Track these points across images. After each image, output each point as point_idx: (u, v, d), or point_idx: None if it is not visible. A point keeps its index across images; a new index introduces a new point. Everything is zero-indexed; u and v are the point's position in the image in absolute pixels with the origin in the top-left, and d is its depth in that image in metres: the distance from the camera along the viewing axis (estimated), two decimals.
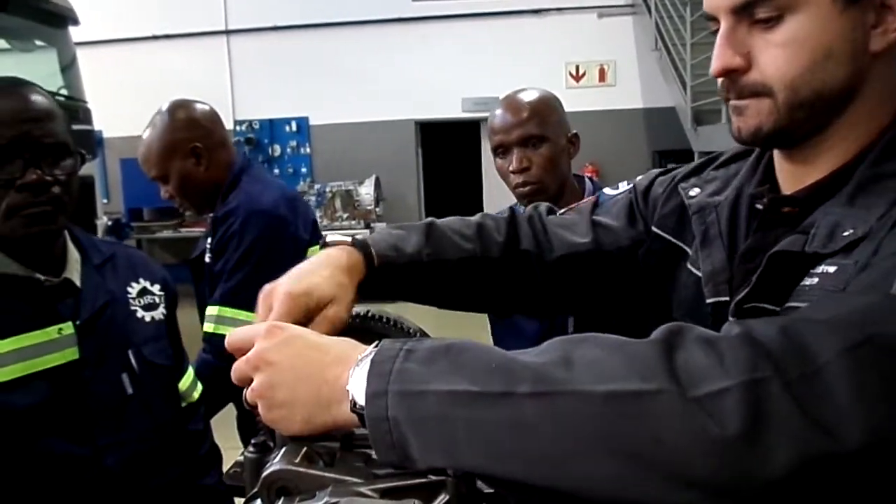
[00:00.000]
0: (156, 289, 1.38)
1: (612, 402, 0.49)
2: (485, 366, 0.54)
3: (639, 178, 1.01)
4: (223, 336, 1.61)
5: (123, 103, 8.18)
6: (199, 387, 1.50)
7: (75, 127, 5.60)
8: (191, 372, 1.47)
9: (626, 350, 0.52)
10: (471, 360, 0.55)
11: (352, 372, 0.58)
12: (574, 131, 1.66)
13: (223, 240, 1.84)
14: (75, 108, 5.31)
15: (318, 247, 1.55)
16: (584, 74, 8.32)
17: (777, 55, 0.68)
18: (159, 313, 1.37)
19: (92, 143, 5.60)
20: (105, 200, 6.77)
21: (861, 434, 0.46)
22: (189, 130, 1.94)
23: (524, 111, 1.58)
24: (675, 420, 0.48)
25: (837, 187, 0.69)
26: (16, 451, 1.11)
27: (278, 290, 0.76)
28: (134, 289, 1.34)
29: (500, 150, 1.62)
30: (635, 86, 8.30)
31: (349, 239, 0.86)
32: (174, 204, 2.01)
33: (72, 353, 1.18)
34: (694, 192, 0.86)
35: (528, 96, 1.63)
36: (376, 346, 0.59)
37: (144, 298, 1.35)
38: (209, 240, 1.92)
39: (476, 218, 0.98)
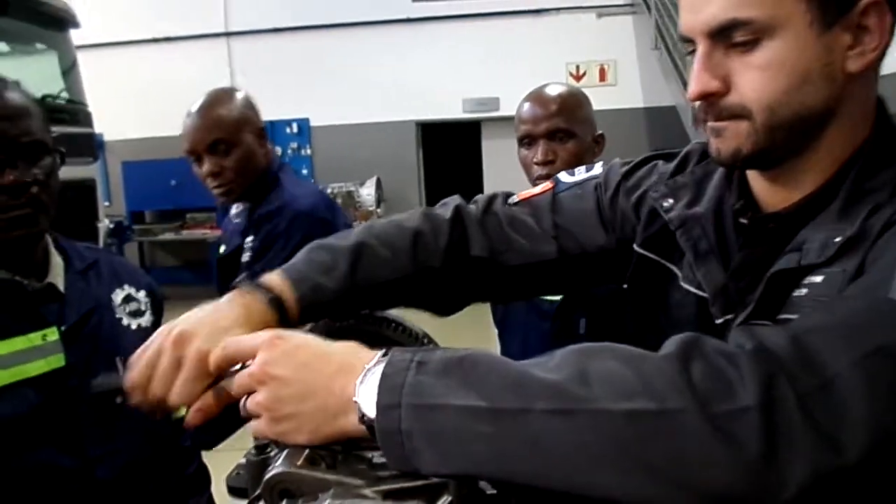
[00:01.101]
0: (141, 295, 1.34)
1: (632, 420, 0.49)
2: (500, 380, 0.54)
3: (598, 166, 0.97)
4: None
5: (124, 106, 8.20)
6: None
7: (76, 130, 5.60)
8: None
9: (643, 364, 0.52)
10: (485, 373, 0.55)
11: (359, 382, 0.58)
12: (600, 132, 1.66)
13: (268, 239, 1.80)
14: (76, 112, 5.32)
15: None
16: (584, 74, 8.31)
17: (755, 78, 0.68)
18: (146, 320, 1.32)
19: (93, 146, 5.61)
20: (106, 203, 6.76)
21: (865, 444, 0.48)
22: (257, 114, 1.91)
23: (554, 104, 1.58)
24: (696, 439, 0.48)
25: (821, 203, 0.70)
26: (2, 463, 1.06)
27: (193, 349, 0.72)
28: (118, 296, 1.29)
29: (526, 141, 1.61)
30: (636, 85, 8.30)
31: (262, 294, 0.80)
32: (210, 184, 1.83)
33: (57, 361, 1.13)
34: (667, 203, 0.84)
35: (559, 90, 1.63)
36: (384, 355, 0.59)
37: (129, 305, 1.30)
38: (249, 239, 1.86)
39: (413, 222, 0.91)
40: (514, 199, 0.98)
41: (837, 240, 0.64)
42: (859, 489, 0.49)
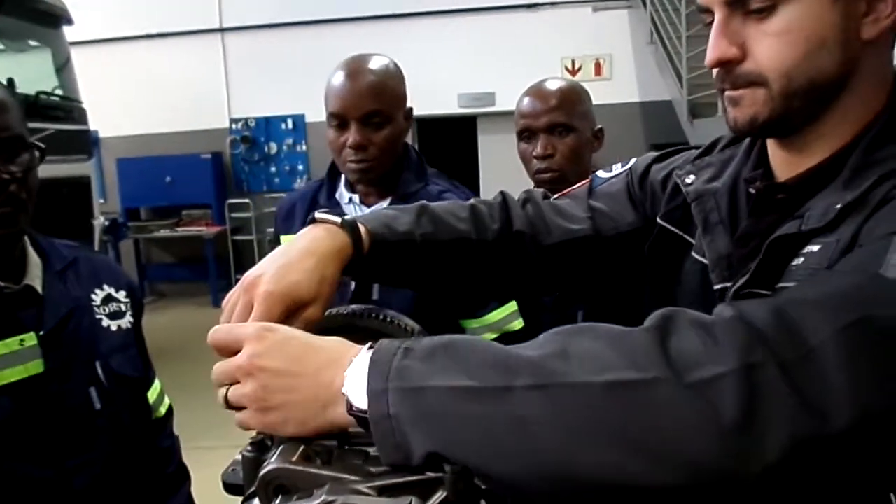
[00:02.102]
0: (121, 296, 1.28)
1: (610, 392, 0.49)
2: (483, 361, 0.54)
3: (634, 160, 1.01)
4: None
5: (119, 103, 8.18)
6: (167, 401, 1.40)
7: (71, 127, 5.58)
8: (157, 385, 1.37)
9: (621, 339, 0.53)
10: (469, 355, 0.55)
11: (347, 373, 0.58)
12: (600, 126, 1.67)
13: None
14: (70, 108, 5.30)
15: None
16: (579, 69, 8.31)
17: (772, 45, 0.69)
18: (126, 322, 1.27)
19: (88, 143, 5.59)
20: (101, 200, 6.75)
21: (850, 415, 0.47)
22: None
23: (553, 99, 1.59)
24: (672, 408, 0.48)
25: (830, 174, 0.70)
26: None
27: (259, 289, 0.74)
28: (98, 296, 1.24)
29: (526, 135, 1.61)
30: (631, 79, 8.29)
31: (338, 219, 0.83)
32: (356, 157, 1.48)
33: (35, 367, 1.08)
34: (689, 179, 0.87)
35: (559, 85, 1.64)
36: (370, 346, 0.59)
37: (110, 306, 1.25)
38: None
39: (468, 202, 0.97)
40: (554, 197, 1.02)
41: (839, 205, 0.65)
42: (842, 465, 0.49)
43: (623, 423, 0.49)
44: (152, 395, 1.34)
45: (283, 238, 1.60)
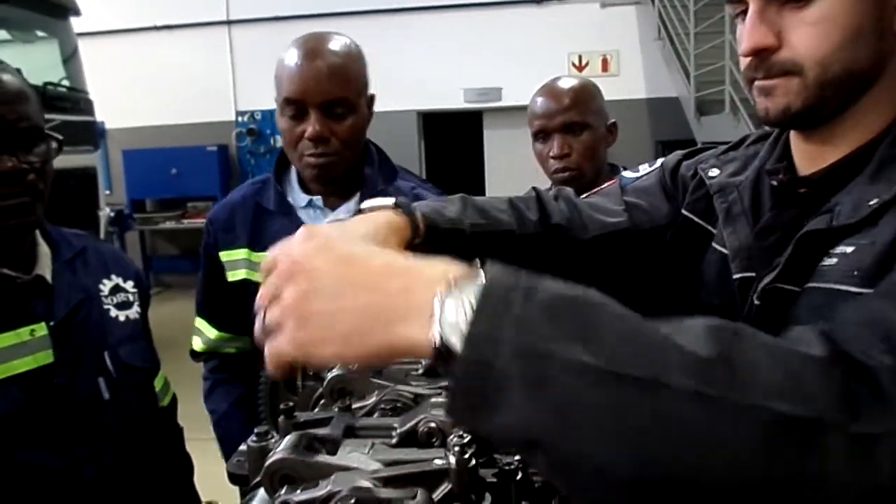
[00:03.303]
0: (129, 286, 1.28)
1: (780, 425, 0.44)
2: (625, 336, 0.45)
3: (661, 159, 1.02)
4: None
5: (125, 94, 8.19)
6: (171, 391, 1.39)
7: (78, 118, 5.58)
8: (162, 375, 1.36)
9: (790, 361, 0.47)
10: (607, 323, 0.46)
11: (442, 293, 0.47)
12: (613, 120, 1.67)
13: None
14: (77, 100, 5.30)
15: None
16: (587, 64, 8.28)
17: (809, 33, 0.69)
18: (134, 312, 1.26)
19: (94, 134, 5.60)
20: (107, 191, 6.75)
21: None
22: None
23: (567, 98, 1.59)
24: (839, 458, 0.44)
25: (854, 169, 0.71)
26: None
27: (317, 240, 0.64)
28: (106, 286, 1.23)
29: (541, 135, 1.62)
30: (638, 76, 8.26)
31: (391, 201, 0.77)
32: (315, 150, 1.31)
33: (45, 357, 1.08)
34: (713, 172, 0.89)
35: (571, 83, 1.63)
36: (476, 265, 0.49)
37: (118, 296, 1.25)
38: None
39: (504, 196, 0.95)
40: (583, 196, 1.01)
41: (872, 202, 0.65)
42: None
43: (788, 461, 0.44)
44: (158, 383, 1.34)
45: (222, 255, 1.43)
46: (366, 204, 0.77)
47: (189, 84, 8.46)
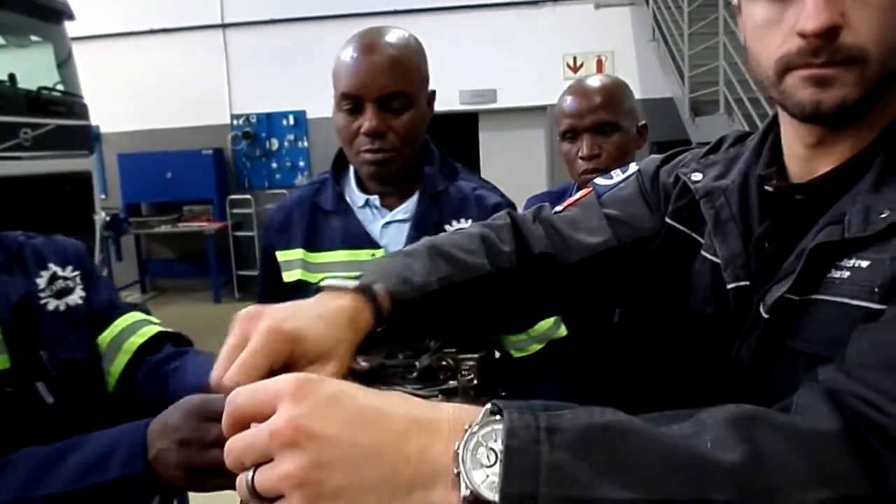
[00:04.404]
0: (68, 271, 1.17)
1: None
2: (658, 460, 0.44)
3: (633, 165, 0.98)
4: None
5: (120, 98, 8.18)
6: (126, 349, 1.21)
7: (72, 122, 5.55)
8: (113, 329, 1.21)
9: (806, 443, 0.46)
10: (638, 451, 0.44)
11: (461, 448, 0.44)
12: (643, 122, 1.62)
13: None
14: (72, 104, 5.30)
15: None
16: (581, 66, 8.30)
17: (873, 16, 0.63)
18: (76, 297, 1.16)
19: (89, 138, 5.59)
20: (103, 196, 6.75)
21: None
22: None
23: (598, 97, 1.54)
24: None
25: (850, 177, 0.68)
26: None
27: (261, 323, 0.61)
28: (43, 278, 1.14)
29: (569, 135, 1.57)
30: (633, 77, 8.26)
31: (350, 284, 0.72)
32: (372, 146, 1.28)
33: (2, 362, 1.00)
34: (696, 176, 0.85)
35: (603, 82, 1.58)
36: (493, 412, 0.46)
37: (55, 285, 1.15)
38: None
39: (475, 230, 0.89)
40: (558, 208, 0.96)
41: (884, 215, 0.62)
42: None
43: None
44: (127, 321, 1.21)
45: (279, 255, 1.41)
46: (326, 282, 0.73)
47: (184, 87, 8.46)
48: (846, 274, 0.63)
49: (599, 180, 0.98)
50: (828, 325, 0.63)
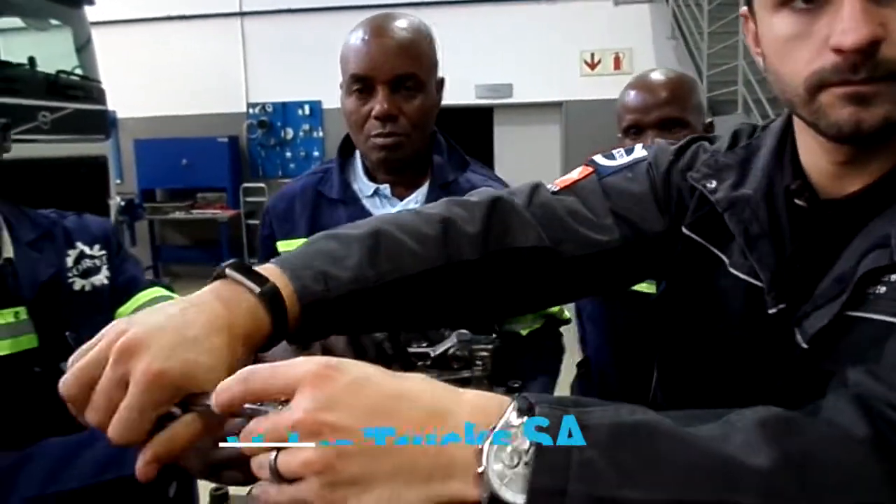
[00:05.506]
0: (95, 250, 1.18)
1: None
2: (687, 464, 0.44)
3: (639, 148, 0.89)
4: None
5: (137, 84, 8.22)
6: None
7: (90, 107, 5.58)
8: (154, 291, 1.24)
9: (838, 449, 0.46)
10: (669, 452, 0.44)
11: (484, 443, 0.44)
12: (710, 119, 1.53)
13: None
14: (89, 88, 5.33)
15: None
16: (599, 62, 8.25)
17: None
18: (101, 278, 1.17)
19: (106, 123, 5.62)
20: (118, 181, 6.79)
21: None
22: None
23: (664, 91, 1.44)
24: None
25: (882, 194, 0.65)
26: None
27: (141, 364, 0.53)
28: (71, 257, 1.15)
29: (633, 131, 1.47)
30: None
31: (251, 285, 0.62)
32: (383, 129, 1.25)
33: (29, 341, 1.01)
34: (711, 184, 0.78)
35: (669, 75, 1.49)
36: (515, 405, 0.46)
37: (83, 264, 1.16)
38: None
39: (440, 209, 0.78)
40: (553, 187, 0.85)
41: None
42: None
43: None
44: (148, 296, 1.21)
45: (280, 245, 1.35)
46: (230, 270, 0.63)
47: (201, 75, 8.49)
48: (883, 289, 0.60)
49: (601, 160, 0.89)
50: (872, 342, 0.60)
